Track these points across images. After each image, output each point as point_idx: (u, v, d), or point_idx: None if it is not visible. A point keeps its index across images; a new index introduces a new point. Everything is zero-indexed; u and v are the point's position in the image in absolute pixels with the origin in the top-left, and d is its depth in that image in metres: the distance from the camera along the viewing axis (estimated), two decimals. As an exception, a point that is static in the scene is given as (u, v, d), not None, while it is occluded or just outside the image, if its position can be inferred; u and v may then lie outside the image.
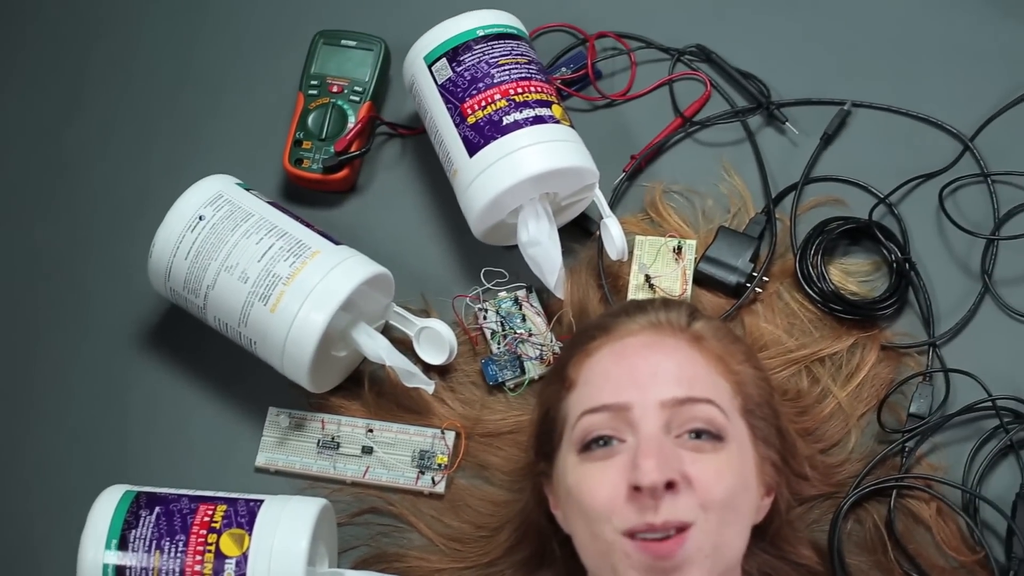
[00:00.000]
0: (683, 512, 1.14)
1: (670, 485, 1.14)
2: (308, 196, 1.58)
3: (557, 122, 1.46)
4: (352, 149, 1.56)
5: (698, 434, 1.19)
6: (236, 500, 1.33)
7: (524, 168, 1.42)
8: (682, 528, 1.14)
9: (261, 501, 1.32)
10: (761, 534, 1.31)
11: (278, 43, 1.69)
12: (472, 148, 1.44)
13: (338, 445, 1.45)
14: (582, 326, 1.38)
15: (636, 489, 1.14)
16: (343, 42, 1.61)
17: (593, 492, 1.17)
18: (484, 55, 1.48)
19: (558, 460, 1.24)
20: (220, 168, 1.51)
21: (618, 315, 1.29)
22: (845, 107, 1.60)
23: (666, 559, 1.13)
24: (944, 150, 1.59)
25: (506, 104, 1.45)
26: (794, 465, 1.36)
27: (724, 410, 1.21)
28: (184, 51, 1.71)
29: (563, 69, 1.63)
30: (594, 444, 1.19)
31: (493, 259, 1.52)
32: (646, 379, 1.20)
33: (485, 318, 1.49)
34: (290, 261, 1.38)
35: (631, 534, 1.15)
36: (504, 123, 1.44)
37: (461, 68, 1.47)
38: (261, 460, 1.46)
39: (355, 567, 1.39)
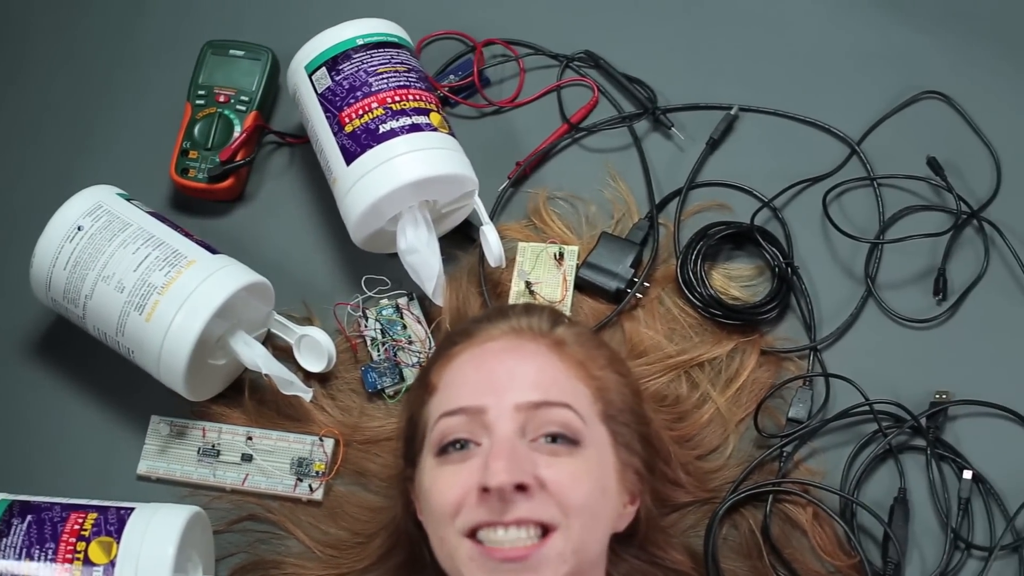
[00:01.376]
0: (541, 512, 1.15)
1: (521, 488, 1.14)
2: (196, 205, 1.59)
3: (435, 130, 1.46)
4: (237, 158, 1.56)
5: (554, 438, 1.19)
6: (108, 508, 1.33)
7: (400, 175, 1.42)
8: (544, 530, 1.15)
9: (132, 509, 1.33)
10: (629, 540, 1.31)
11: (168, 53, 1.70)
12: (349, 156, 1.45)
13: (218, 453, 1.45)
14: (448, 332, 1.38)
15: (485, 490, 1.14)
16: (231, 52, 1.62)
17: (443, 494, 1.18)
18: (363, 64, 1.48)
19: (420, 464, 1.25)
20: (109, 178, 1.52)
21: (481, 321, 1.29)
22: (732, 112, 1.61)
23: (519, 562, 1.13)
24: (832, 154, 1.59)
25: (383, 112, 1.45)
26: (666, 472, 1.36)
27: (582, 415, 1.21)
28: (74, 61, 1.72)
29: (451, 77, 1.64)
30: (450, 447, 1.20)
31: (376, 267, 1.53)
32: (503, 383, 1.20)
33: (366, 326, 1.50)
34: (165, 271, 1.39)
35: (473, 532, 1.15)
36: (381, 131, 1.44)
37: (340, 77, 1.48)
38: (143, 468, 1.46)
39: (233, 575, 1.40)
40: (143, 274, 1.39)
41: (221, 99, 1.59)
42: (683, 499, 1.40)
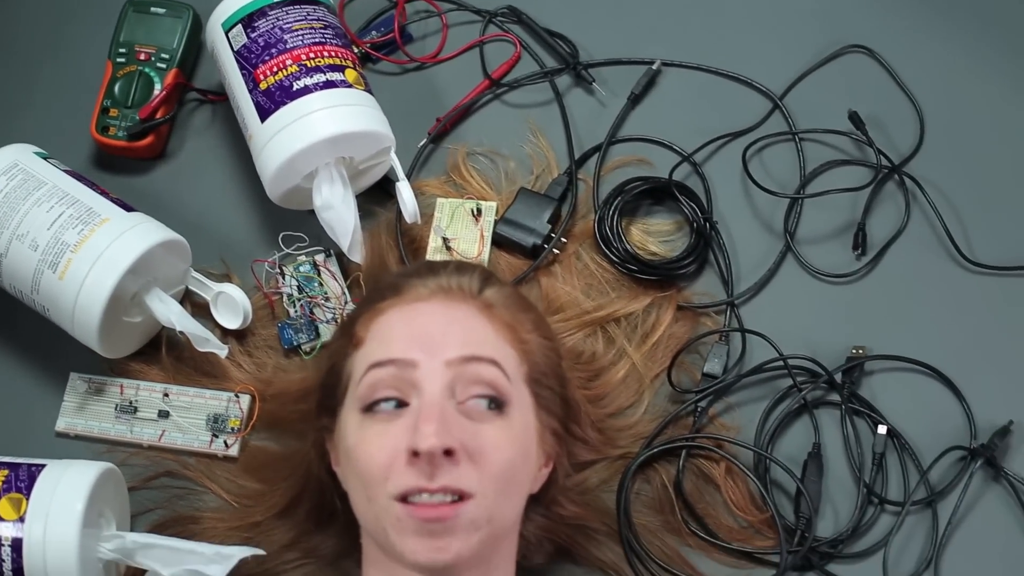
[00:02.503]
0: (462, 481, 1.15)
1: (449, 453, 1.15)
2: (117, 163, 1.58)
3: (350, 86, 1.46)
4: (158, 116, 1.56)
5: (482, 400, 1.19)
6: (19, 465, 1.33)
7: (314, 132, 1.42)
8: (460, 496, 1.15)
9: (43, 466, 1.33)
10: (537, 500, 1.32)
11: (89, 11, 1.69)
12: (264, 113, 1.44)
13: (136, 409, 1.46)
14: (374, 285, 1.39)
15: (415, 454, 1.14)
16: (152, 9, 1.61)
17: (372, 455, 1.17)
18: (278, 21, 1.48)
19: (341, 417, 1.24)
20: (31, 136, 1.52)
21: (410, 277, 1.28)
22: (654, 67, 1.60)
23: (438, 523, 1.14)
24: (754, 109, 1.59)
25: (297, 69, 1.45)
26: (575, 431, 1.36)
27: (509, 375, 1.21)
28: (-5, 20, 1.72)
29: (373, 33, 1.63)
30: (377, 404, 1.20)
31: (295, 224, 1.52)
32: (433, 340, 1.20)
33: (283, 282, 1.50)
34: (79, 229, 1.39)
35: (404, 497, 1.15)
36: (295, 88, 1.44)
37: (255, 34, 1.47)
38: (61, 425, 1.46)
39: (150, 531, 1.40)
40: (56, 232, 1.39)
41: (142, 57, 1.58)
42: (590, 457, 1.40)
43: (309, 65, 1.45)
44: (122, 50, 1.59)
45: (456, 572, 1.19)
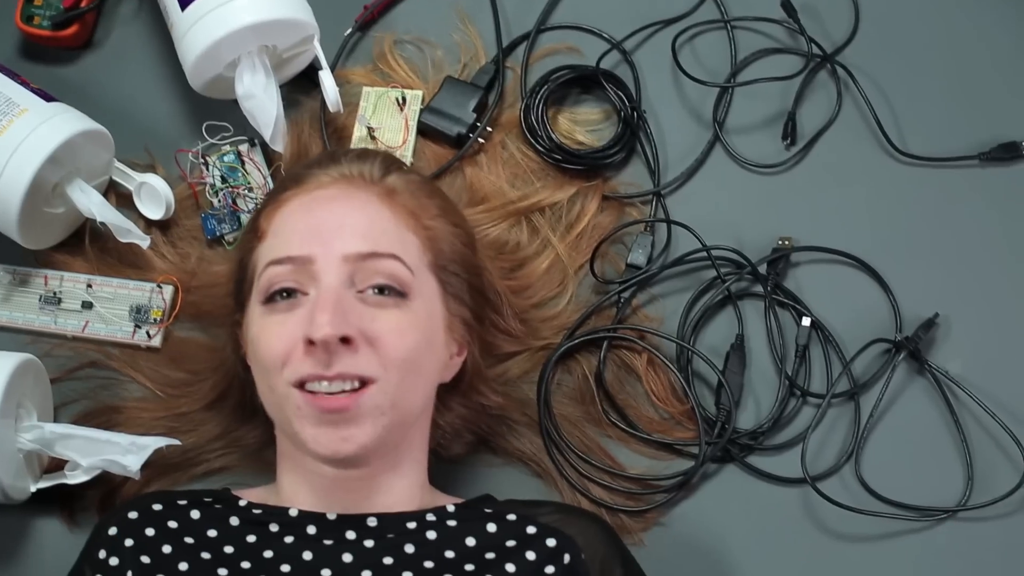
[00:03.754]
0: (363, 367, 1.15)
1: (346, 340, 1.15)
2: (43, 53, 1.56)
3: (272, -27, 1.44)
4: (82, 4, 1.54)
5: (381, 289, 1.19)
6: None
7: (233, 20, 1.40)
8: (362, 382, 1.15)
9: (-38, 357, 1.34)
10: (454, 389, 1.32)
11: None
12: (184, 1, 1.42)
13: (60, 300, 1.45)
14: (280, 177, 1.38)
15: (310, 343, 1.15)
16: None
17: (271, 344, 1.18)
18: (200, -95, 1.45)
19: (248, 310, 1.25)
20: (-47, 26, 1.51)
21: (312, 166, 1.28)
22: (585, -48, 1.58)
23: (338, 412, 1.14)
24: (688, -5, 1.57)
25: (218, -45, 1.43)
26: (497, 322, 1.36)
27: (410, 266, 1.20)
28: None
29: (300, -82, 1.60)
30: (277, 296, 1.20)
31: (221, 113, 1.51)
32: (331, 233, 1.20)
33: (207, 172, 1.49)
34: (-3, 118, 1.38)
35: (301, 384, 1.16)
36: (215, -26, 1.42)
37: (175, -79, 1.45)
38: (-16, 316, 1.47)
39: (74, 421, 1.40)
40: (-26, 123, 1.38)
41: (66, -57, 1.56)
42: (513, 348, 1.40)
43: (230, -49, 1.43)
44: (46, -63, 1.57)
45: (362, 461, 1.20)
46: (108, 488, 1.38)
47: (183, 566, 1.19)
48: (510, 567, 1.18)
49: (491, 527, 1.21)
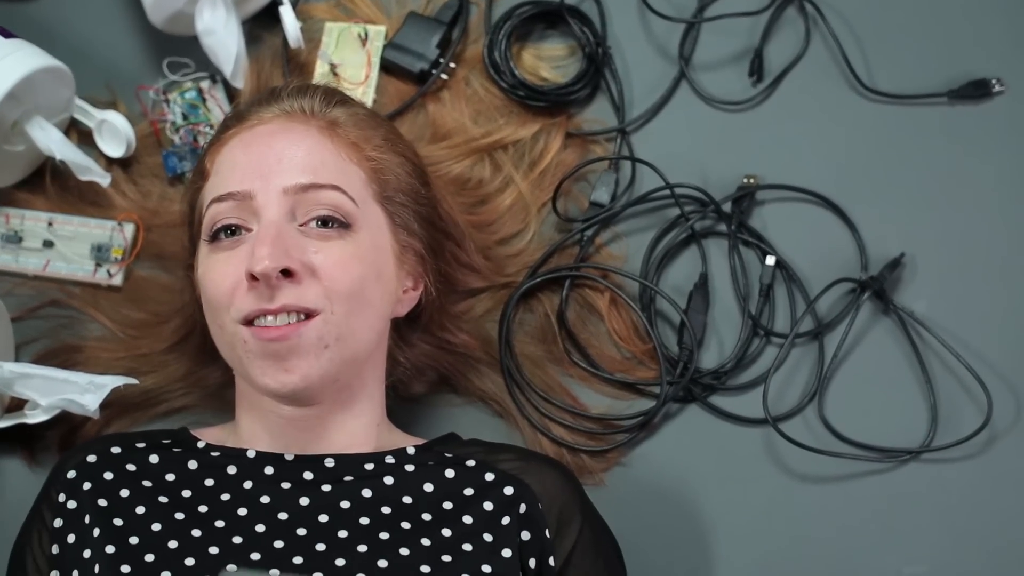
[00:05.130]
0: (306, 299, 1.15)
1: (288, 273, 1.14)
2: (3, -11, 1.55)
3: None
4: (41, -62, 1.52)
5: (325, 222, 1.18)
6: None
7: (190, -45, 1.39)
8: (307, 315, 1.15)
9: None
10: (414, 324, 1.31)
11: None
12: (142, -65, 1.41)
13: (20, 239, 1.44)
14: (224, 116, 1.36)
15: (252, 278, 1.14)
16: None
17: (216, 282, 1.18)
18: None
19: (198, 252, 1.24)
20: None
21: (253, 104, 1.27)
22: None
23: (281, 343, 1.14)
24: (658, -74, 1.54)
25: None
26: (459, 255, 1.35)
27: (353, 197, 1.20)
28: None
29: None
30: (221, 233, 1.20)
31: (182, 50, 1.49)
32: (270, 167, 1.19)
33: (168, 109, 1.47)
34: (-46, 55, 1.36)
35: (249, 321, 1.16)
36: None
37: None
38: (-54, 254, 1.46)
39: (35, 360, 1.40)
40: (-71, 60, 1.36)
41: None
42: (478, 284, 1.39)
43: None
44: None
45: (312, 397, 1.20)
46: (69, 427, 1.38)
47: (140, 510, 1.19)
48: (467, 519, 1.18)
49: (449, 473, 1.21)
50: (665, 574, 1.37)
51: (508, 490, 1.20)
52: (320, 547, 1.16)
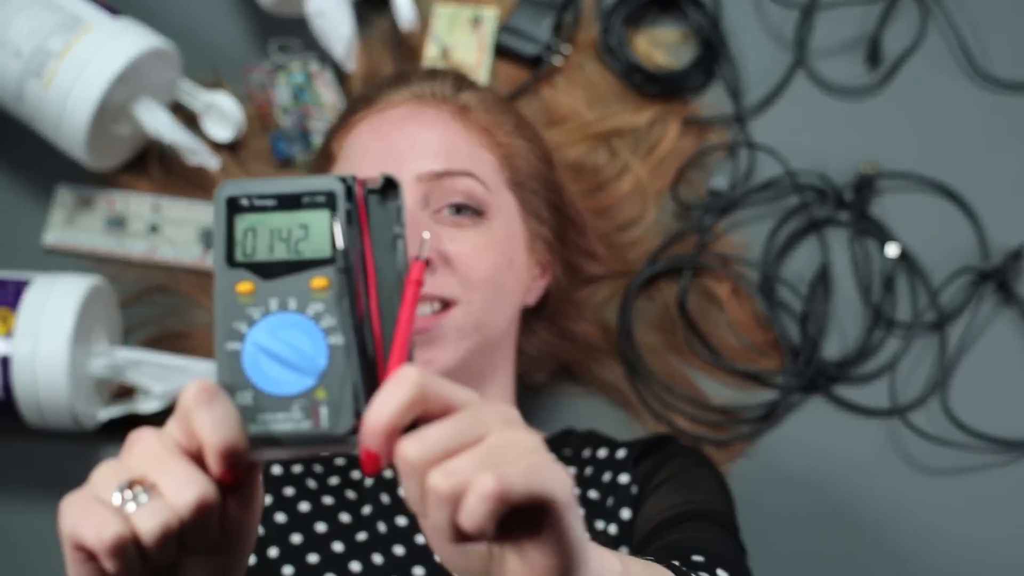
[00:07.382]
0: (442, 288, 1.13)
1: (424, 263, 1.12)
2: (103, -35, 1.52)
3: None
4: (144, -85, 1.49)
5: (458, 209, 1.16)
6: (5, 282, 1.30)
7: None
8: (445, 304, 1.13)
9: (28, 281, 1.30)
10: (539, 313, 1.29)
11: None
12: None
13: (125, 223, 1.41)
14: (351, 99, 1.34)
15: None
16: None
17: None
18: None
19: None
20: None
21: (382, 87, 1.24)
22: None
23: (422, 335, 1.12)
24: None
25: None
26: (580, 243, 1.33)
27: (486, 183, 1.17)
28: None
29: None
30: None
31: (290, 31, 1.46)
32: (402, 153, 1.17)
33: (276, 92, 1.44)
34: (63, 36, 1.33)
35: None
36: None
37: None
38: (49, 240, 1.42)
39: (141, 347, 1.38)
40: (40, 40, 1.33)
41: None
42: (598, 272, 1.37)
43: None
44: None
45: None
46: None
47: (304, 507, 1.16)
48: (592, 494, 1.16)
49: (571, 471, 1.18)
50: (790, 566, 1.35)
51: (621, 452, 1.18)
52: None
